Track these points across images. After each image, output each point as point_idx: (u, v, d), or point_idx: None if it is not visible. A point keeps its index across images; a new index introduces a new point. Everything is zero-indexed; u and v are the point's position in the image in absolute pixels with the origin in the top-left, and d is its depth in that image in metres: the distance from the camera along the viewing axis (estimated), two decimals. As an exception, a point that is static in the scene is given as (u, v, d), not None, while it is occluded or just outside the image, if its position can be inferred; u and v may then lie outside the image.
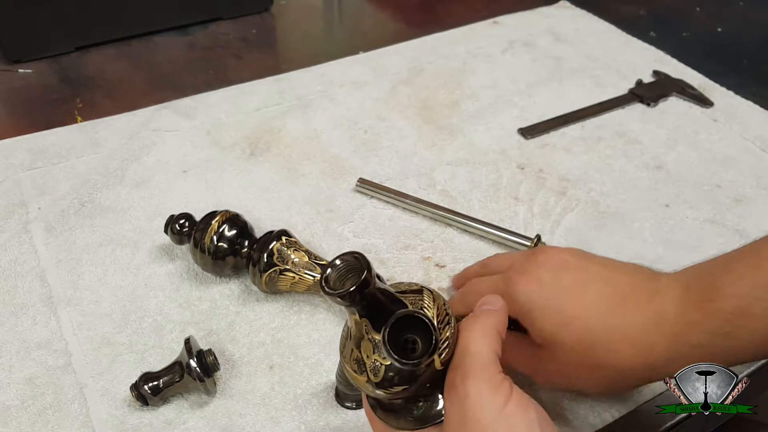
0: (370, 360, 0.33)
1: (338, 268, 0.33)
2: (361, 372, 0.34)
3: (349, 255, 0.33)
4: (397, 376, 0.33)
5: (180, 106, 0.80)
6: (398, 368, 0.32)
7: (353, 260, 0.33)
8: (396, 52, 0.92)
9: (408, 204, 0.66)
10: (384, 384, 0.33)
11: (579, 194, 0.68)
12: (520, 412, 0.31)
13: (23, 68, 0.88)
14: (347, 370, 0.36)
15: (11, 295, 0.57)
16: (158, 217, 0.64)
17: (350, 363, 0.35)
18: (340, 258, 0.33)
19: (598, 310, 0.41)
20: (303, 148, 0.74)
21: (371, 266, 0.32)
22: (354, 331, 0.35)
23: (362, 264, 0.32)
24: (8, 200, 0.67)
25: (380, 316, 0.33)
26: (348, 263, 0.33)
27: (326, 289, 0.32)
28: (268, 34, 1.01)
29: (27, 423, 0.48)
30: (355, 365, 0.34)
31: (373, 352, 0.33)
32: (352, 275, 0.33)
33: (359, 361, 0.34)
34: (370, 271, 0.32)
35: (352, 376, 0.35)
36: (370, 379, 0.34)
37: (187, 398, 0.50)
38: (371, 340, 0.33)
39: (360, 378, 0.34)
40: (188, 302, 0.57)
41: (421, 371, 0.33)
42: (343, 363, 0.36)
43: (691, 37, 0.98)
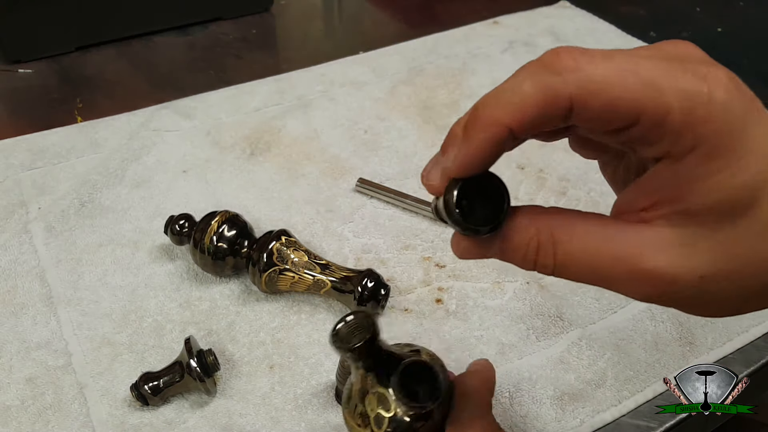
0: (373, 413, 0.36)
1: (348, 323, 0.35)
2: (365, 425, 0.36)
3: (359, 313, 0.35)
4: (399, 428, 0.35)
5: (180, 106, 0.80)
6: (401, 419, 0.35)
7: (362, 319, 0.35)
8: (396, 52, 0.92)
9: (408, 204, 0.66)
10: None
11: (579, 194, 0.68)
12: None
13: (23, 68, 0.88)
14: (351, 426, 0.38)
15: (11, 295, 0.57)
16: (158, 217, 0.65)
17: (354, 418, 0.37)
18: (350, 315, 0.35)
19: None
20: (303, 148, 0.74)
21: (377, 325, 0.35)
22: (358, 386, 0.37)
23: (370, 322, 0.34)
24: (8, 200, 0.67)
25: (384, 370, 0.35)
26: (357, 321, 0.35)
27: (337, 343, 0.34)
28: (268, 34, 1.01)
29: (27, 423, 0.48)
30: (359, 419, 0.37)
31: (377, 405, 0.35)
32: (359, 332, 0.35)
33: (363, 415, 0.36)
34: (377, 329, 0.34)
35: (356, 430, 0.37)
36: (373, 431, 0.36)
37: (188, 398, 0.50)
38: (375, 393, 0.36)
39: (365, 430, 0.36)
40: (188, 302, 0.57)
41: (421, 425, 0.35)
42: (347, 418, 0.38)
43: (691, 37, 0.98)
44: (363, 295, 0.53)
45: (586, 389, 0.50)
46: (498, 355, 0.53)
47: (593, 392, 0.50)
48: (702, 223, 0.24)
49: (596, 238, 0.25)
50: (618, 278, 0.25)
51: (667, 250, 0.24)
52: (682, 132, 0.23)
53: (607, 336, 0.54)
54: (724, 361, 0.53)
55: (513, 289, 0.58)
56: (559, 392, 0.50)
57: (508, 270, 0.60)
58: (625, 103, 0.23)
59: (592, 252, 0.25)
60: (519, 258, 0.27)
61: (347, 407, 0.38)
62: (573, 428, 0.48)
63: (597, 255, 0.25)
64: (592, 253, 0.25)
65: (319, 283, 0.54)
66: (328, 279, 0.54)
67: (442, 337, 0.54)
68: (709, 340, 0.54)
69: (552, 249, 0.26)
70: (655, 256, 0.24)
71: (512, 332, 0.54)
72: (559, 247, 0.26)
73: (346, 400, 0.38)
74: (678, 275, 0.24)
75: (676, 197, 0.24)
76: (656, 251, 0.24)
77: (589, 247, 0.25)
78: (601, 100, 0.23)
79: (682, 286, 0.24)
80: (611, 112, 0.23)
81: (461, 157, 0.27)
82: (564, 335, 0.54)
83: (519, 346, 0.53)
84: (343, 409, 0.39)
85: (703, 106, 0.22)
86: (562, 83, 0.23)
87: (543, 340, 0.54)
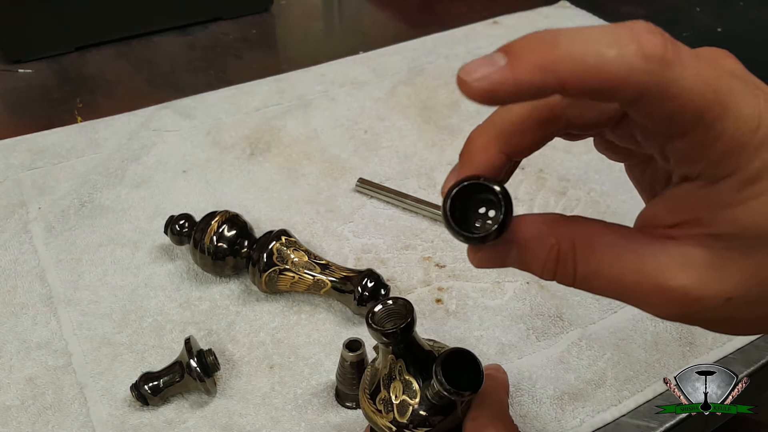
0: (398, 400, 0.36)
1: (386, 307, 0.36)
2: (388, 412, 0.36)
3: (399, 299, 0.36)
4: (423, 417, 0.35)
5: (180, 106, 0.80)
6: (426, 409, 0.35)
7: (401, 305, 0.36)
8: (396, 52, 0.92)
9: (408, 204, 0.66)
10: (409, 425, 0.36)
11: (579, 194, 0.68)
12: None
13: (23, 68, 0.89)
14: (369, 411, 0.37)
15: (11, 295, 0.57)
16: (158, 217, 0.65)
17: (377, 404, 0.37)
18: (389, 299, 0.36)
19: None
20: (303, 148, 0.74)
21: (415, 313, 0.35)
22: (386, 372, 0.37)
23: (408, 309, 0.35)
24: (8, 200, 0.67)
25: (415, 358, 0.36)
26: (395, 307, 0.36)
27: (373, 325, 0.35)
28: (268, 34, 1.01)
29: (27, 423, 0.48)
30: (381, 405, 0.37)
31: (403, 392, 0.36)
32: (393, 317, 0.36)
33: (386, 401, 0.36)
34: (414, 317, 0.35)
35: (374, 417, 0.37)
36: (396, 419, 0.36)
37: (188, 398, 0.50)
38: (403, 381, 0.36)
39: (385, 418, 0.36)
40: (188, 302, 0.57)
41: (442, 418, 0.36)
42: (366, 404, 0.38)
43: (691, 37, 0.98)
44: (363, 295, 0.53)
45: (586, 389, 0.50)
46: (498, 355, 0.53)
47: (593, 392, 0.50)
48: (732, 247, 0.23)
49: (620, 252, 0.24)
50: (641, 294, 0.24)
51: (694, 269, 0.23)
52: (726, 157, 0.22)
53: (607, 336, 0.54)
54: (724, 361, 0.53)
55: (513, 289, 0.58)
56: (559, 392, 0.50)
57: (508, 270, 0.60)
58: (690, 113, 0.21)
59: (615, 266, 0.24)
60: (538, 268, 0.26)
61: (367, 392, 0.38)
62: (573, 428, 0.48)
63: (620, 269, 0.24)
64: (615, 268, 0.24)
65: (319, 283, 0.54)
66: (328, 279, 0.54)
67: (442, 337, 0.54)
68: (709, 340, 0.54)
69: (573, 261, 0.25)
70: (681, 275, 0.23)
71: (512, 332, 0.54)
72: (581, 259, 0.25)
73: (368, 385, 0.38)
74: (704, 296, 0.23)
75: (707, 220, 0.23)
76: (683, 270, 0.23)
77: (612, 261, 0.24)
78: (676, 104, 0.21)
79: (707, 307, 0.23)
80: (676, 119, 0.22)
81: (463, 173, 0.27)
82: (564, 335, 0.54)
83: (519, 346, 0.53)
84: (361, 394, 0.38)
85: (753, 134, 0.21)
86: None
87: (543, 340, 0.54)
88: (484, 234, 0.25)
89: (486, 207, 0.26)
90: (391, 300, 0.36)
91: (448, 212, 0.25)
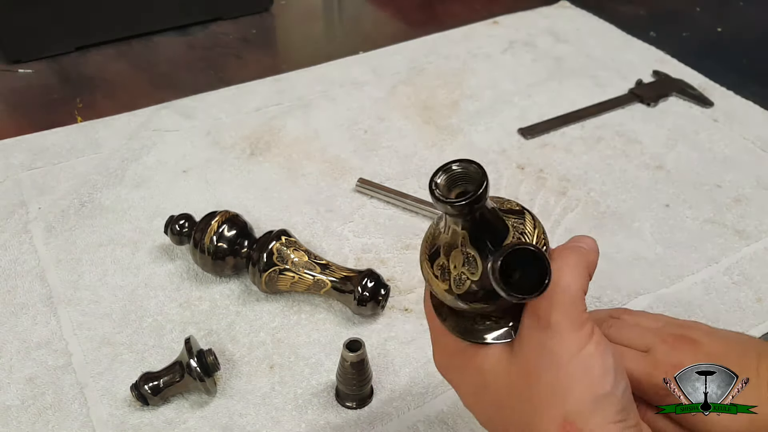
0: (456, 271, 0.32)
1: (452, 173, 0.30)
2: (444, 280, 0.33)
3: (467, 162, 0.30)
4: (481, 294, 0.31)
5: (180, 106, 0.80)
6: (484, 288, 0.31)
7: (473, 169, 0.30)
8: (396, 52, 0.92)
9: (408, 204, 0.66)
10: (465, 297, 0.32)
11: (579, 194, 0.68)
12: (598, 354, 0.30)
13: (23, 68, 0.88)
14: (427, 273, 0.34)
15: (11, 295, 0.57)
16: (158, 217, 0.64)
17: (434, 268, 0.33)
18: (456, 163, 0.31)
19: None
20: (303, 148, 0.74)
21: (488, 180, 0.29)
22: (447, 238, 0.33)
23: (481, 176, 0.29)
24: (8, 200, 0.67)
25: (482, 232, 0.31)
26: (464, 170, 0.30)
27: (437, 194, 0.30)
28: (268, 34, 1.01)
29: (27, 423, 0.48)
30: (438, 271, 0.33)
31: (463, 264, 0.32)
32: (461, 183, 0.30)
33: (444, 268, 0.33)
34: (488, 186, 0.29)
35: (430, 279, 0.34)
36: (451, 289, 0.32)
37: (188, 398, 0.50)
38: (464, 253, 0.32)
39: (440, 284, 0.33)
40: (188, 302, 0.57)
41: (502, 300, 0.31)
42: (424, 264, 0.34)
43: (691, 37, 0.98)
44: (363, 295, 0.53)
45: (586, 389, 0.50)
46: (498, 355, 0.53)
47: (593, 392, 0.50)
48: None
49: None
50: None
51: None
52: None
53: (607, 336, 0.54)
54: (724, 361, 0.53)
55: (513, 289, 0.58)
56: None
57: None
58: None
59: None
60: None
61: (427, 254, 0.34)
62: (573, 428, 0.48)
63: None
64: None
65: (319, 283, 0.54)
66: (328, 279, 0.54)
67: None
68: (709, 340, 0.54)
69: None
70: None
71: (512, 332, 0.54)
72: None
73: (429, 245, 0.34)
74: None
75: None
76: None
77: None
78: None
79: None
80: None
81: None
82: (564, 335, 0.54)
83: (519, 346, 0.53)
84: (422, 251, 0.35)
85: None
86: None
87: (543, 340, 0.54)
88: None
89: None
90: (457, 164, 0.30)
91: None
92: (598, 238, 0.64)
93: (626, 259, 0.61)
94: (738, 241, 0.63)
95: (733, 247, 0.62)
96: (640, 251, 0.62)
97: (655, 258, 0.61)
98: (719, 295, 0.58)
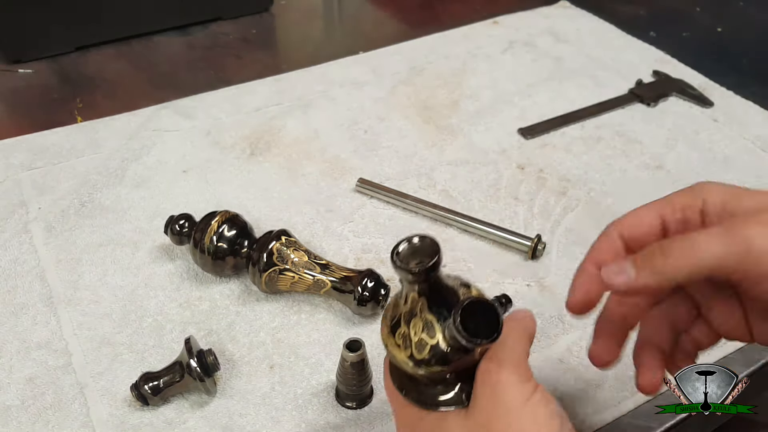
0: (417, 337, 0.36)
1: (412, 245, 0.35)
2: (406, 347, 0.36)
3: (425, 238, 0.35)
4: (440, 356, 0.35)
5: (180, 106, 0.80)
6: (443, 348, 0.35)
7: (428, 242, 0.35)
8: (396, 52, 0.92)
9: (408, 204, 0.66)
10: (425, 362, 0.36)
11: (579, 194, 0.68)
12: (544, 403, 0.34)
13: (23, 68, 0.88)
14: (389, 343, 0.37)
15: (11, 295, 0.57)
16: (158, 217, 0.65)
17: (396, 337, 0.37)
18: (415, 237, 0.35)
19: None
20: (303, 148, 0.74)
21: (441, 252, 0.35)
22: (407, 309, 0.37)
23: (436, 248, 0.35)
24: (8, 200, 0.67)
25: (438, 299, 0.36)
26: (421, 243, 0.35)
27: (398, 263, 0.34)
28: (268, 34, 1.01)
29: (27, 423, 0.48)
30: (400, 340, 0.37)
31: (422, 330, 0.36)
32: (418, 256, 0.35)
33: (405, 336, 0.36)
34: (441, 256, 0.34)
35: (393, 350, 0.37)
36: (413, 355, 0.36)
37: (188, 398, 0.50)
38: (423, 319, 0.36)
39: (402, 353, 0.36)
40: (188, 302, 0.57)
41: (460, 357, 0.35)
42: (385, 336, 0.38)
43: (691, 37, 0.98)
44: (363, 295, 0.53)
45: (586, 389, 0.50)
46: (498, 355, 0.53)
47: (593, 392, 0.50)
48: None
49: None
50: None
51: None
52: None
53: (607, 336, 0.54)
54: (724, 361, 0.53)
55: (513, 289, 0.58)
56: (559, 392, 0.50)
57: (508, 270, 0.60)
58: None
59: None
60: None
61: (388, 324, 0.38)
62: (574, 428, 0.48)
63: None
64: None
65: (319, 283, 0.54)
66: (328, 279, 0.54)
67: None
68: (709, 340, 0.54)
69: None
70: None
71: (512, 332, 0.54)
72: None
73: (390, 317, 0.38)
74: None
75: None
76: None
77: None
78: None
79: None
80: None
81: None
82: (564, 336, 0.54)
83: (519, 346, 0.53)
84: (382, 324, 0.38)
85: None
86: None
87: (543, 340, 0.54)
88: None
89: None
90: (416, 237, 0.35)
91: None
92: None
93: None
94: (738, 241, 0.63)
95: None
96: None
97: (655, 258, 0.61)
98: (719, 295, 0.58)
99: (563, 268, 0.60)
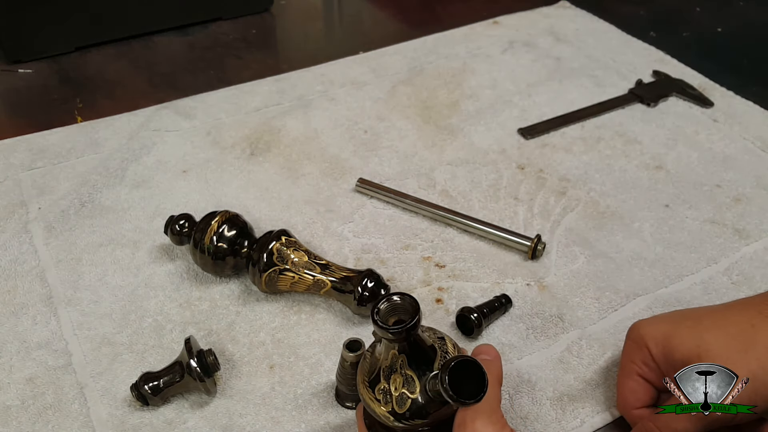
0: (398, 392, 0.37)
1: (392, 304, 0.37)
2: (386, 402, 0.38)
3: (405, 296, 0.37)
4: (421, 410, 0.37)
5: (180, 106, 0.80)
6: (422, 404, 0.37)
7: (408, 301, 0.37)
8: (396, 52, 0.92)
9: (408, 204, 0.66)
10: (406, 416, 0.37)
11: (579, 194, 0.68)
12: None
13: (23, 68, 0.89)
14: (369, 399, 0.39)
15: (11, 295, 0.57)
16: (158, 217, 0.65)
17: (375, 393, 0.38)
18: (396, 295, 0.37)
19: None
20: (303, 148, 0.74)
21: (421, 312, 0.36)
22: (386, 364, 0.38)
23: (416, 307, 0.36)
24: (8, 200, 0.67)
25: (417, 355, 0.37)
26: (402, 301, 0.37)
27: (379, 323, 0.36)
28: (268, 34, 1.01)
29: (27, 423, 0.48)
30: (380, 395, 0.38)
31: (402, 385, 0.37)
32: (397, 314, 0.37)
33: (386, 391, 0.38)
34: (420, 316, 0.36)
35: (372, 405, 0.38)
36: (394, 410, 0.37)
37: (188, 398, 0.50)
38: (403, 375, 0.37)
39: (383, 408, 0.38)
40: (188, 302, 0.57)
41: (437, 409, 0.37)
42: (364, 392, 0.39)
43: (691, 37, 0.98)
44: (363, 295, 0.53)
45: (586, 389, 0.50)
46: (498, 355, 0.53)
47: (593, 392, 0.50)
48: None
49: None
50: None
51: None
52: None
53: (607, 336, 0.54)
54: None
55: (513, 289, 0.58)
56: (558, 392, 0.50)
57: (508, 270, 0.60)
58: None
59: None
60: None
61: (366, 380, 0.39)
62: (573, 428, 0.48)
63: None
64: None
65: (319, 283, 0.54)
66: (328, 279, 0.54)
67: (442, 337, 0.54)
68: (709, 340, 0.54)
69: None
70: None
71: (512, 332, 0.54)
72: None
73: (367, 374, 0.39)
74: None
75: None
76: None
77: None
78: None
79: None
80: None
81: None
82: (564, 335, 0.54)
83: (519, 346, 0.53)
84: (359, 379, 0.40)
85: None
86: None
87: (543, 340, 0.54)
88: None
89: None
90: (397, 296, 0.37)
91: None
92: (598, 238, 0.65)
93: (626, 259, 0.61)
94: (738, 241, 0.63)
95: (733, 247, 0.62)
96: (639, 251, 0.62)
97: (655, 258, 0.61)
98: (719, 295, 0.58)
99: (563, 268, 0.60)
